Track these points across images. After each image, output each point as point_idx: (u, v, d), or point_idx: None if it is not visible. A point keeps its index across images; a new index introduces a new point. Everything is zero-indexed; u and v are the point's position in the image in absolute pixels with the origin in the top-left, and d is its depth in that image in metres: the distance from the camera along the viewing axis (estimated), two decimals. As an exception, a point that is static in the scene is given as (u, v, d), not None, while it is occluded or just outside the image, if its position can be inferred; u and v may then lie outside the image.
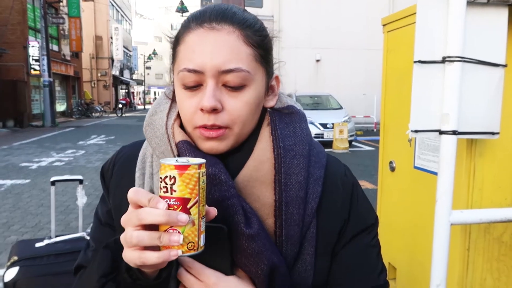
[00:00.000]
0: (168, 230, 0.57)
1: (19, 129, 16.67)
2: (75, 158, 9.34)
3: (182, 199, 0.57)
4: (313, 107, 12.57)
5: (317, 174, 0.75)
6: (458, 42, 1.43)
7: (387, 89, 2.40)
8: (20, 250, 1.70)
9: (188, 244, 0.58)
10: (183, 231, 0.57)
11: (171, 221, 0.56)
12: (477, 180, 1.68)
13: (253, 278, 0.70)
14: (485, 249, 1.71)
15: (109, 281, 0.67)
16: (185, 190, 0.57)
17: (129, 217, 0.60)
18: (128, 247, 0.60)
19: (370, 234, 0.80)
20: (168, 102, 0.80)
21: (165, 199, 0.57)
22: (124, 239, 0.60)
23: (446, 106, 1.47)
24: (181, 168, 0.57)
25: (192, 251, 0.59)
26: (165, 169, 0.58)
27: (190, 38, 0.70)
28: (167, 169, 0.58)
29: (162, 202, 0.57)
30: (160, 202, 0.57)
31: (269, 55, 0.75)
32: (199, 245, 0.60)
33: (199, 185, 0.58)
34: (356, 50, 18.05)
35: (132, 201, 0.60)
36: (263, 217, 0.71)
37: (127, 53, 43.87)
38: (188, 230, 0.58)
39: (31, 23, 19.82)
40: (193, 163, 0.58)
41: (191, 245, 0.58)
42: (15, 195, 5.98)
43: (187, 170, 0.57)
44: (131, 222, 0.59)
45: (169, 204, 0.57)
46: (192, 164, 0.58)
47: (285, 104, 0.80)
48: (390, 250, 2.33)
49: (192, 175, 0.58)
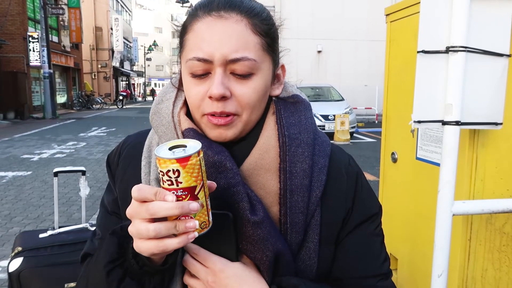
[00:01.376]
0: (180, 218, 0.58)
1: (20, 121, 16.68)
2: (76, 150, 9.35)
3: (189, 188, 0.58)
4: (315, 98, 12.53)
5: (322, 162, 0.76)
6: (462, 32, 1.42)
7: (389, 79, 2.39)
8: (24, 240, 1.71)
9: (201, 224, 0.60)
10: (195, 215, 0.59)
11: (185, 211, 0.57)
12: (479, 171, 1.68)
13: (258, 264, 0.71)
14: (486, 239, 1.72)
15: (116, 267, 0.67)
16: (191, 180, 0.58)
17: (137, 211, 0.59)
18: (143, 239, 0.60)
19: (374, 223, 0.80)
20: (174, 91, 0.80)
21: (172, 191, 0.58)
22: (136, 231, 0.60)
23: (450, 96, 1.46)
24: (183, 161, 0.57)
25: (206, 229, 0.62)
26: (165, 163, 0.57)
27: (198, 27, 0.70)
28: (167, 163, 0.57)
29: (169, 194, 0.57)
30: (167, 195, 0.57)
31: (276, 44, 0.75)
32: (209, 222, 0.62)
33: (201, 170, 0.59)
34: (357, 41, 17.93)
35: (137, 199, 0.60)
36: (268, 204, 0.72)
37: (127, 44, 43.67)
38: (199, 213, 0.59)
39: (30, 13, 19.72)
40: (192, 153, 0.58)
41: (203, 225, 0.61)
42: (17, 187, 6.00)
43: (189, 161, 0.57)
44: (140, 215, 0.59)
45: (177, 195, 0.58)
46: (192, 154, 0.58)
47: (290, 93, 0.80)
48: (392, 241, 2.34)
49: (194, 164, 0.58)
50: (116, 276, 0.67)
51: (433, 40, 1.46)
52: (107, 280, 0.67)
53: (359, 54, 17.94)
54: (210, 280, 0.69)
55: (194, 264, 0.71)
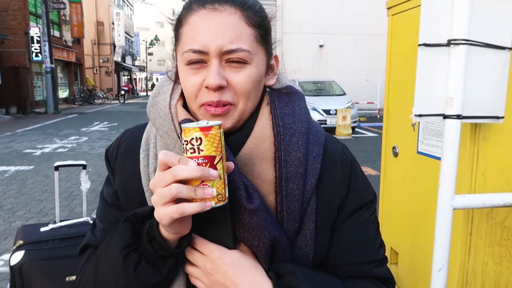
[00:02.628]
0: (199, 185, 0.62)
1: (22, 116, 16.71)
2: (78, 145, 9.37)
3: (209, 157, 0.62)
4: (316, 93, 12.50)
5: (316, 151, 0.77)
6: (464, 25, 1.41)
7: (391, 73, 2.37)
8: (25, 234, 1.72)
9: (217, 196, 0.63)
10: (213, 185, 0.62)
11: (205, 175, 0.60)
12: (481, 165, 1.67)
13: (255, 251, 0.73)
14: (487, 233, 1.72)
15: (131, 252, 0.69)
16: (211, 149, 0.62)
17: (161, 177, 0.62)
18: (164, 203, 0.62)
19: (369, 210, 0.82)
20: (171, 84, 0.82)
21: (194, 159, 0.62)
22: (159, 196, 0.62)
23: (451, 90, 1.46)
24: (206, 130, 0.62)
25: (221, 202, 0.64)
26: (189, 132, 0.62)
27: (193, 20, 0.71)
28: (191, 132, 0.62)
29: (191, 160, 0.61)
30: (190, 161, 0.61)
31: (269, 36, 0.77)
32: (225, 196, 0.64)
33: (221, 143, 0.63)
34: (359, 35, 17.84)
35: (163, 163, 0.62)
36: (264, 193, 0.74)
37: (129, 39, 43.56)
38: (216, 183, 0.62)
39: (32, 8, 19.68)
40: (214, 124, 0.63)
41: (220, 197, 0.63)
42: (19, 181, 6.02)
43: (211, 131, 0.62)
44: (164, 181, 0.61)
45: (198, 163, 0.62)
46: (214, 125, 0.63)
47: (284, 85, 0.82)
48: (393, 235, 2.34)
49: (215, 135, 0.62)
50: (132, 261, 0.69)
51: (434, 33, 1.45)
52: (123, 265, 0.68)
53: (361, 48, 17.86)
54: (208, 267, 0.71)
55: (192, 253, 0.72)
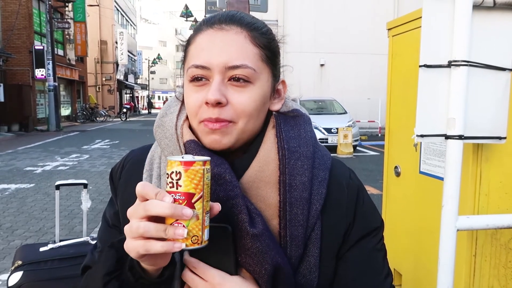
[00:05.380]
0: (173, 223, 0.59)
1: (24, 133, 16.76)
2: (79, 163, 9.37)
3: (187, 194, 0.60)
4: (318, 111, 12.55)
5: (322, 176, 0.76)
6: (464, 46, 1.42)
7: (392, 93, 2.39)
8: (24, 254, 1.70)
9: (192, 237, 0.60)
10: (188, 224, 0.59)
11: (176, 213, 0.58)
12: (484, 186, 1.66)
13: (257, 278, 0.71)
14: (492, 255, 1.69)
15: (112, 279, 0.68)
16: (190, 185, 0.60)
17: (136, 208, 0.61)
18: (132, 237, 0.61)
19: (376, 238, 0.80)
20: (178, 104, 0.82)
21: (171, 194, 0.60)
22: (129, 229, 0.61)
23: (452, 110, 1.46)
24: (187, 164, 0.60)
25: (196, 245, 0.61)
26: (171, 165, 0.60)
27: (200, 38, 0.73)
28: (173, 165, 0.60)
29: (168, 196, 0.59)
30: (166, 196, 0.59)
31: (276, 58, 0.77)
32: (202, 239, 0.61)
33: (203, 181, 0.61)
34: (360, 54, 18.02)
35: (140, 194, 0.61)
36: (268, 217, 0.72)
37: (131, 57, 44.07)
38: (192, 224, 0.60)
39: (37, 27, 19.98)
40: (198, 160, 0.61)
41: (195, 239, 0.60)
42: (19, 199, 6.00)
43: (192, 166, 0.60)
44: (137, 213, 0.60)
45: (175, 199, 0.59)
46: (197, 160, 0.61)
47: (290, 108, 0.81)
48: (396, 256, 2.31)
49: (197, 171, 0.60)
50: None
51: (435, 54, 1.46)
52: None
53: (362, 68, 18.01)
54: None
55: (193, 278, 0.70)
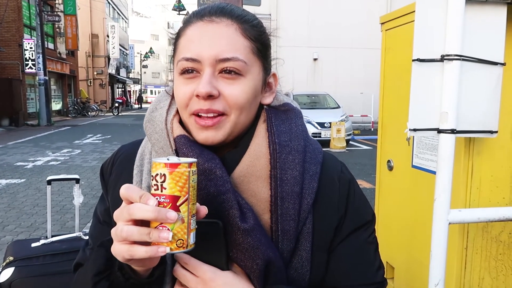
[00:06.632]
0: (158, 227, 0.58)
1: (15, 128, 16.58)
2: (71, 158, 9.29)
3: (172, 197, 0.58)
4: (311, 106, 12.57)
5: (313, 170, 0.76)
6: (457, 41, 1.43)
7: (385, 88, 2.39)
8: (15, 250, 1.68)
9: (177, 241, 0.59)
10: (173, 228, 0.58)
11: (160, 217, 0.57)
12: (475, 179, 1.68)
13: (248, 273, 0.71)
14: (483, 248, 1.71)
15: (102, 279, 0.67)
16: (175, 188, 0.58)
17: (121, 212, 0.60)
18: (118, 241, 0.60)
19: (368, 231, 0.80)
20: (168, 99, 0.81)
21: (156, 197, 0.58)
22: (114, 233, 0.60)
23: (445, 104, 1.47)
24: (172, 166, 0.58)
25: (181, 249, 0.59)
26: (156, 167, 0.59)
27: (190, 31, 0.72)
28: (158, 167, 0.59)
29: (152, 199, 0.58)
30: (150, 199, 0.58)
31: (267, 51, 0.76)
32: (188, 243, 0.60)
33: (189, 183, 0.59)
34: (353, 49, 18.06)
35: (124, 197, 0.60)
36: (259, 212, 0.72)
37: (123, 51, 43.69)
38: (177, 227, 0.58)
39: (26, 20, 19.71)
40: (183, 162, 0.59)
41: (180, 243, 0.59)
42: (10, 195, 5.94)
43: (177, 168, 0.58)
44: (122, 216, 0.60)
45: (159, 202, 0.58)
46: (183, 162, 0.59)
47: (281, 102, 0.81)
48: (388, 250, 2.32)
49: (182, 173, 0.59)
50: None
51: (428, 49, 1.47)
52: None
53: (355, 62, 18.06)
54: None
55: (184, 274, 0.70)
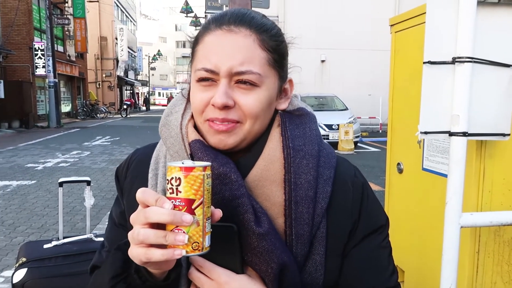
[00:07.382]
0: (173, 230, 0.59)
1: (25, 130, 16.77)
2: (81, 159, 9.37)
3: (187, 200, 0.59)
4: (318, 108, 12.54)
5: (327, 174, 0.76)
6: (469, 43, 1.42)
7: (395, 90, 2.38)
8: (28, 251, 1.70)
9: (193, 244, 0.60)
10: (188, 231, 0.59)
11: (176, 220, 0.58)
12: (487, 182, 1.66)
13: (263, 276, 0.71)
14: (495, 252, 1.69)
15: (120, 282, 0.68)
16: (190, 191, 0.59)
17: (137, 215, 0.61)
18: (134, 244, 0.61)
19: (381, 235, 0.80)
20: (184, 103, 0.82)
21: (171, 200, 0.59)
22: (131, 236, 0.61)
23: (456, 107, 1.46)
24: (186, 170, 0.59)
25: (197, 251, 0.60)
26: (171, 171, 0.60)
27: (209, 39, 0.72)
28: (173, 171, 0.60)
29: (168, 202, 0.59)
30: (166, 202, 0.59)
31: (284, 60, 0.77)
32: (203, 246, 0.61)
33: (203, 186, 0.60)
34: (361, 50, 17.99)
35: (140, 201, 0.61)
36: (273, 216, 0.72)
37: (131, 53, 43.96)
38: (193, 230, 0.59)
39: (36, 24, 19.94)
40: (198, 165, 0.60)
41: (195, 245, 0.60)
42: (21, 196, 6.01)
43: (192, 172, 0.59)
44: (139, 220, 0.60)
45: (175, 205, 0.59)
46: (197, 166, 0.60)
47: (296, 107, 0.81)
48: (398, 253, 2.31)
49: (197, 177, 0.60)
50: None
51: (439, 51, 1.46)
52: None
53: (363, 64, 17.98)
54: None
55: (199, 277, 0.70)
